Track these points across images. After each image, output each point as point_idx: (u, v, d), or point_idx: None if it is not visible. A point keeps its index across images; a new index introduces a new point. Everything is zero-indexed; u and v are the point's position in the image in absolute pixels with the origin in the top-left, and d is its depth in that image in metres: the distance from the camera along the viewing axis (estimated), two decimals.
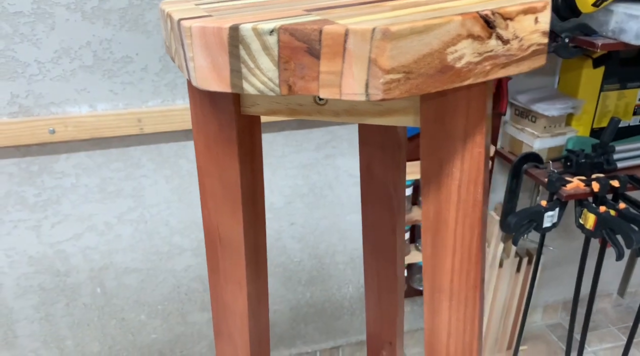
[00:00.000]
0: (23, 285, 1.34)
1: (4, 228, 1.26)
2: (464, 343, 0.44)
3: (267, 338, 0.57)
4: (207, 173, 0.45)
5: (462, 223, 0.39)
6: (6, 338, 1.40)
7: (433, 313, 0.44)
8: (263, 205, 0.50)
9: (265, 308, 0.55)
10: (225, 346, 0.55)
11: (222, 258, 0.49)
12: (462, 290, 0.42)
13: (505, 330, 1.68)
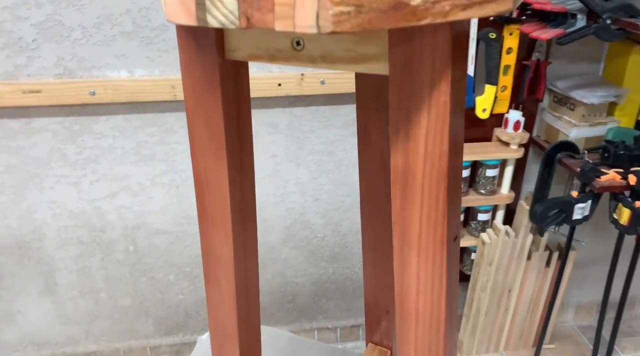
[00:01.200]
0: (63, 236, 1.44)
1: (48, 182, 1.35)
2: (432, 300, 0.45)
3: (256, 286, 0.59)
4: (194, 117, 0.47)
5: (429, 176, 0.39)
6: (47, 285, 1.50)
7: (402, 269, 0.45)
8: (251, 153, 0.52)
9: (253, 257, 0.57)
10: (213, 292, 0.58)
11: (209, 203, 0.51)
12: (430, 245, 0.42)
13: (531, 326, 1.63)
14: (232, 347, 0.60)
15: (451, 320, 0.46)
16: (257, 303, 0.61)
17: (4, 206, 1.36)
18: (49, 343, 1.61)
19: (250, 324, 0.60)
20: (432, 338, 0.46)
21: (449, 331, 0.46)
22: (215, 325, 0.60)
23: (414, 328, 0.46)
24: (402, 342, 0.48)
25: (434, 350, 0.46)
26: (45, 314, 1.55)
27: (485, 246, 1.44)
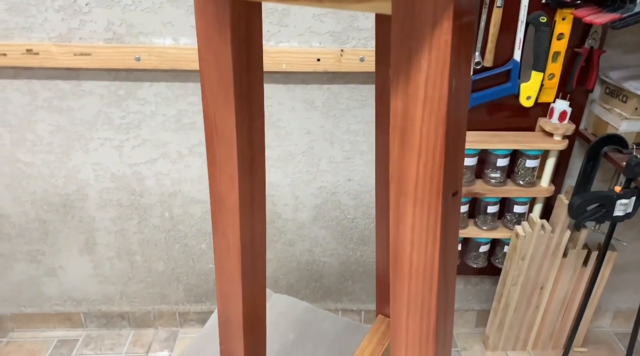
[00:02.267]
0: (104, 198, 1.50)
1: (93, 144, 1.41)
2: (426, 255, 0.44)
3: (262, 238, 0.60)
4: (205, 61, 0.48)
5: (428, 122, 0.39)
6: (87, 243, 1.58)
7: (398, 221, 0.44)
8: (261, 102, 0.52)
9: (260, 208, 0.58)
10: (219, 241, 0.59)
11: (217, 149, 0.53)
12: (426, 196, 0.41)
13: (563, 327, 1.57)
14: (236, 297, 0.61)
15: (446, 279, 0.45)
16: (264, 255, 0.61)
17: (53, 165, 1.44)
18: (87, 300, 1.70)
19: (256, 273, 0.61)
20: (425, 295, 0.45)
21: (442, 290, 0.45)
22: (221, 275, 0.62)
23: (407, 284, 0.46)
24: (394, 299, 0.47)
25: (426, 308, 0.46)
26: (84, 272, 1.64)
27: (518, 239, 1.39)
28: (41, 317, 1.71)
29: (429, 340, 0.47)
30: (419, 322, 0.47)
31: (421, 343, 0.48)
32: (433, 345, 0.47)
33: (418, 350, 0.48)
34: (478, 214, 1.46)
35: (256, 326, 0.66)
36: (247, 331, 0.64)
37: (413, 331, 0.47)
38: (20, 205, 1.50)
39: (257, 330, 0.66)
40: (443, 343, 0.48)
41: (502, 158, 1.35)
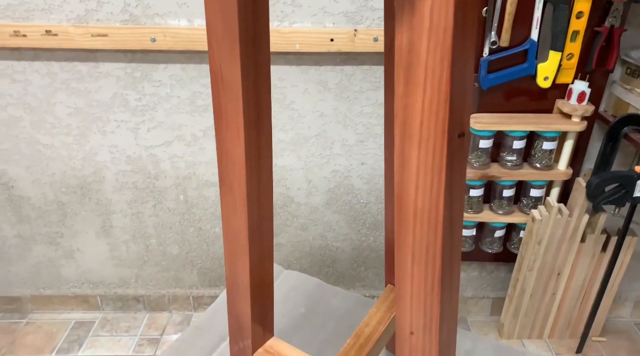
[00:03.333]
0: (120, 180, 1.52)
1: (109, 126, 1.43)
2: (431, 197, 0.43)
3: (269, 196, 0.60)
4: (211, 8, 0.48)
5: (434, 54, 0.38)
6: (104, 226, 1.61)
7: (403, 164, 0.43)
8: (267, 53, 0.52)
9: (267, 162, 0.58)
10: (226, 196, 0.59)
11: (223, 101, 0.53)
12: (431, 135, 0.41)
13: (581, 315, 1.54)
14: (243, 256, 0.61)
15: (452, 224, 0.44)
16: (270, 213, 0.61)
17: (70, 147, 1.46)
18: (103, 283, 1.72)
19: (263, 234, 0.61)
20: (430, 240, 0.44)
21: (448, 235, 0.44)
22: (228, 233, 0.62)
23: (412, 229, 0.45)
24: (399, 247, 0.47)
25: (431, 254, 0.45)
26: (101, 255, 1.66)
27: (535, 223, 1.37)
28: (59, 299, 1.75)
29: (434, 289, 0.46)
30: (424, 269, 0.46)
31: (426, 292, 0.47)
32: (438, 294, 0.46)
33: (423, 299, 0.47)
34: (493, 198, 1.44)
35: (263, 289, 0.66)
36: (254, 292, 0.64)
37: (418, 279, 0.47)
38: (39, 187, 1.53)
39: (264, 292, 0.66)
40: (449, 293, 0.48)
41: (518, 141, 1.33)
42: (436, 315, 0.47)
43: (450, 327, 0.50)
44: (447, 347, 0.50)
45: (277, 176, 1.51)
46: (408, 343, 0.51)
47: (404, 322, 0.50)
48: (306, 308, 0.97)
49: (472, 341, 0.89)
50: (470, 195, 1.42)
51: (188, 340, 0.92)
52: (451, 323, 0.50)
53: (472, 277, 1.67)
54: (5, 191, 1.53)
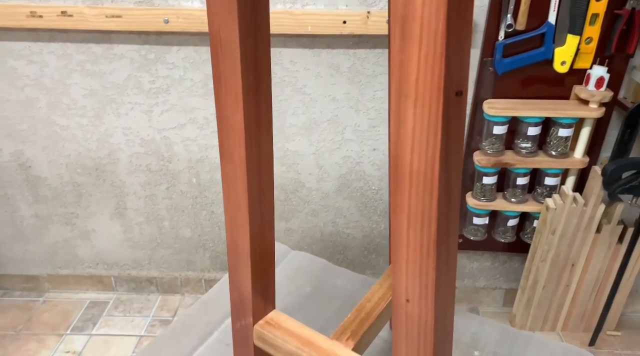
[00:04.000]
0: (134, 163, 1.54)
1: (124, 108, 1.45)
2: (426, 158, 0.42)
3: (270, 164, 0.60)
4: None
5: (429, 4, 0.37)
6: (118, 208, 1.63)
7: (398, 124, 0.43)
8: (266, 14, 0.52)
9: (267, 130, 0.57)
10: (226, 166, 0.59)
11: (222, 66, 0.52)
12: (427, 92, 0.40)
13: (595, 308, 1.50)
14: (243, 226, 0.61)
15: (449, 186, 0.44)
16: (271, 184, 0.61)
17: (86, 128, 1.49)
18: (117, 264, 1.75)
19: (263, 204, 0.61)
20: (425, 203, 0.44)
21: (444, 198, 0.43)
22: (229, 204, 0.62)
23: (407, 192, 0.44)
24: (395, 212, 0.46)
25: (427, 217, 0.44)
26: (115, 236, 1.69)
27: (549, 212, 1.34)
28: (75, 279, 1.78)
29: (430, 254, 0.46)
30: (419, 234, 0.45)
31: (422, 258, 0.46)
32: (434, 260, 0.46)
33: (418, 265, 0.47)
34: (507, 187, 1.42)
35: (265, 260, 0.66)
36: (254, 263, 0.64)
37: (414, 244, 0.46)
38: (55, 168, 1.56)
39: (265, 264, 0.66)
40: (445, 259, 0.47)
41: (533, 127, 1.30)
42: (432, 281, 0.47)
43: (447, 295, 0.49)
44: (444, 315, 0.50)
45: (289, 161, 1.51)
46: (404, 311, 0.50)
47: (399, 289, 0.50)
48: (312, 288, 0.97)
49: (478, 324, 0.87)
50: (484, 183, 1.40)
51: (194, 314, 0.93)
52: (448, 291, 0.49)
53: (484, 267, 1.65)
54: (23, 171, 1.57)
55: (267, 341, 0.68)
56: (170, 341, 0.87)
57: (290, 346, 0.65)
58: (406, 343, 0.51)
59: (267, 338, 0.68)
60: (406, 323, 0.50)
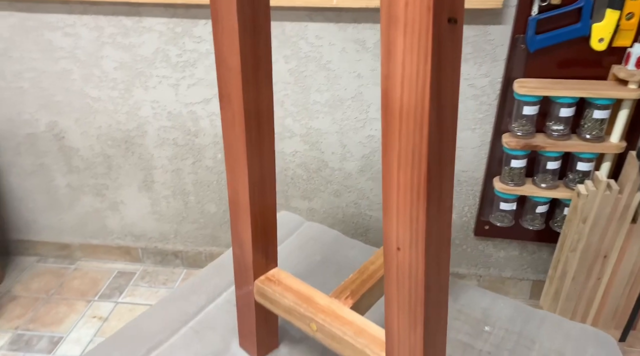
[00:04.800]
0: (162, 136, 1.57)
1: (152, 82, 1.48)
2: (416, 92, 0.40)
3: (270, 110, 0.59)
4: None
5: None
6: (146, 180, 1.67)
7: (388, 56, 0.41)
8: None
9: (265, 73, 0.56)
10: (226, 112, 0.59)
11: (218, 4, 0.52)
12: (417, 17, 0.38)
13: (629, 304, 1.43)
14: (242, 174, 0.61)
15: (440, 123, 0.41)
16: (271, 132, 0.60)
17: (116, 101, 1.52)
18: (144, 237, 1.79)
19: (263, 152, 0.60)
20: (416, 140, 0.42)
21: (435, 135, 0.41)
22: (229, 151, 0.62)
23: (398, 129, 0.43)
24: (385, 152, 0.44)
25: (417, 158, 0.42)
26: (143, 209, 1.73)
27: (580, 198, 1.28)
28: (104, 249, 1.83)
29: (420, 198, 0.44)
30: (409, 176, 0.43)
31: (412, 202, 0.44)
32: (424, 204, 0.44)
33: (409, 211, 0.45)
34: (537, 172, 1.36)
35: (265, 212, 0.65)
36: (254, 214, 0.64)
37: (404, 187, 0.44)
38: (87, 139, 1.61)
39: (266, 216, 0.66)
40: (437, 205, 0.45)
41: (566, 108, 1.25)
42: (422, 227, 0.45)
43: (440, 244, 0.47)
44: (437, 265, 0.48)
45: (312, 139, 1.50)
46: (395, 260, 0.48)
47: (390, 238, 0.48)
48: (322, 257, 0.96)
49: (491, 300, 0.84)
50: (512, 166, 1.35)
51: (205, 276, 0.93)
52: (441, 239, 0.47)
53: (511, 257, 1.59)
54: (57, 142, 1.62)
55: (266, 297, 0.68)
56: (178, 299, 0.88)
57: (287, 301, 0.65)
58: (397, 295, 0.50)
59: (267, 293, 0.67)
60: (397, 274, 0.49)
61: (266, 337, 0.75)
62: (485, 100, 1.36)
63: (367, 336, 0.58)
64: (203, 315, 0.85)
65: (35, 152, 1.65)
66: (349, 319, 0.61)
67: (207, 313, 0.85)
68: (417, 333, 0.49)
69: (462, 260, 1.63)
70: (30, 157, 1.66)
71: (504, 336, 0.76)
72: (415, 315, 0.49)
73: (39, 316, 1.62)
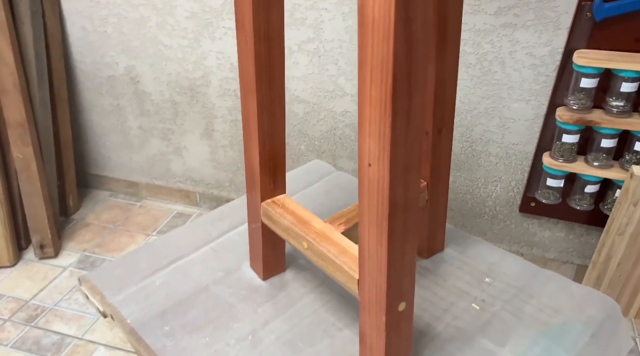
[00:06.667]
0: (224, 87, 1.67)
1: (218, 32, 1.57)
2: (384, 4, 0.43)
3: (280, 37, 0.63)
4: None
5: None
6: (207, 129, 1.78)
7: None
8: None
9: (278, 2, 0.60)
10: (240, 35, 0.64)
11: None
12: None
13: None
14: (251, 95, 0.66)
15: (408, 38, 0.44)
16: (281, 56, 0.65)
17: (185, 50, 1.63)
18: (202, 182, 1.92)
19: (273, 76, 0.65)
20: (384, 53, 0.44)
21: (402, 51, 0.44)
22: (242, 75, 0.67)
23: (370, 44, 0.45)
24: (361, 68, 0.47)
25: (385, 70, 0.45)
26: (203, 155, 1.85)
27: (633, 180, 1.21)
28: (167, 191, 1.99)
29: (386, 111, 0.46)
30: (379, 89, 0.46)
31: (381, 116, 0.47)
32: (390, 117, 0.46)
33: (378, 125, 0.48)
34: (590, 150, 1.30)
35: (273, 135, 0.70)
36: (262, 135, 0.69)
37: (375, 101, 0.47)
38: (158, 85, 1.74)
39: (274, 139, 0.70)
40: (405, 119, 0.47)
41: (629, 83, 1.17)
42: (388, 141, 0.48)
43: (408, 162, 0.50)
44: (404, 182, 0.50)
45: None
46: (367, 175, 0.52)
47: (363, 154, 0.51)
48: (344, 203, 1.00)
49: (500, 257, 0.84)
50: (563, 141, 1.29)
51: (233, 207, 1.01)
52: (410, 157, 0.49)
53: (557, 238, 1.53)
54: (133, 85, 1.77)
55: (270, 217, 0.73)
56: (206, 223, 0.96)
57: (286, 222, 0.70)
58: (368, 209, 0.53)
59: (271, 214, 0.73)
60: (368, 189, 0.52)
61: (273, 261, 0.81)
62: (543, 71, 1.31)
63: (349, 255, 0.62)
64: (224, 239, 0.92)
65: (114, 93, 1.82)
66: (336, 241, 0.65)
67: (228, 237, 0.93)
68: (383, 245, 0.52)
69: (504, 236, 1.59)
70: (109, 98, 1.83)
71: (503, 289, 0.77)
72: (381, 229, 0.52)
73: (104, 242, 1.81)
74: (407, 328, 0.59)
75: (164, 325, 0.73)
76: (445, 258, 0.84)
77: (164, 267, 0.85)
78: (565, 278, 0.79)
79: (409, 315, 0.58)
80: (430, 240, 0.82)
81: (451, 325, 0.71)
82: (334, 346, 0.69)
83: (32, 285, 1.58)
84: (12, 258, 1.64)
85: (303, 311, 0.75)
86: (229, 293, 0.79)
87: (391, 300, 0.55)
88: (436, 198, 0.77)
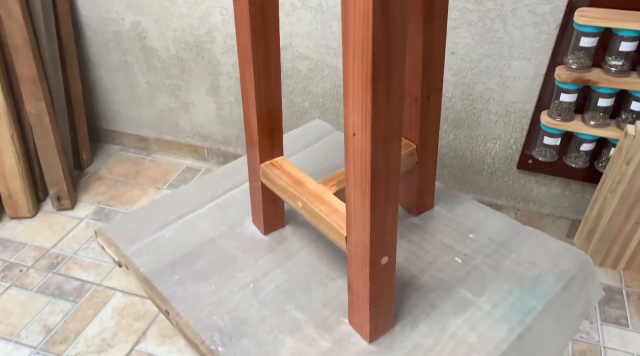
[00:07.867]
0: (228, 43, 1.68)
1: None
2: None
3: (275, 5, 0.66)
4: None
5: None
6: (213, 85, 1.81)
7: None
8: None
9: None
10: (236, 5, 0.66)
11: None
12: None
13: None
14: (248, 64, 0.70)
15: (388, 18, 0.47)
16: (276, 27, 0.68)
17: (189, 5, 1.64)
18: (210, 138, 1.97)
19: (269, 45, 0.69)
20: (364, 32, 0.48)
21: (381, 29, 0.47)
22: (240, 45, 0.70)
23: (352, 22, 0.49)
24: (345, 45, 0.51)
25: (365, 48, 0.49)
26: (209, 112, 1.89)
27: (626, 139, 1.23)
28: (176, 145, 2.05)
29: (367, 87, 0.50)
30: (360, 65, 0.50)
31: (363, 91, 0.51)
32: (370, 93, 0.50)
33: (360, 98, 0.52)
34: (587, 109, 1.32)
35: (270, 100, 0.74)
36: (259, 99, 0.73)
37: (358, 77, 0.51)
38: (164, 41, 1.76)
39: (271, 104, 0.75)
40: (385, 93, 0.51)
41: (628, 42, 1.18)
42: (369, 114, 0.52)
43: (389, 131, 0.54)
44: (385, 151, 0.55)
45: None
46: (352, 144, 0.56)
47: (348, 124, 0.55)
48: (342, 162, 1.05)
49: (486, 215, 0.90)
50: (561, 100, 1.31)
51: (237, 165, 1.06)
52: (390, 127, 0.54)
53: (553, 194, 1.58)
54: (139, 41, 1.80)
55: (268, 178, 0.79)
56: (212, 181, 1.02)
57: (282, 182, 0.75)
58: (353, 175, 0.58)
59: (269, 175, 0.78)
60: (353, 157, 0.57)
61: (273, 217, 0.88)
62: (545, 29, 1.31)
63: (339, 214, 0.68)
64: (228, 196, 0.98)
65: (121, 49, 1.84)
66: (328, 201, 0.70)
67: (232, 194, 0.99)
68: (366, 208, 0.58)
69: (502, 192, 1.64)
70: (116, 54, 1.86)
71: (485, 244, 0.83)
72: (364, 193, 0.57)
73: (117, 195, 1.89)
74: (389, 279, 0.65)
75: (174, 274, 0.81)
76: (434, 216, 0.89)
77: (173, 221, 0.92)
78: (545, 235, 0.84)
79: (392, 268, 0.64)
80: (420, 199, 0.88)
81: (434, 277, 0.78)
82: (327, 294, 0.77)
83: (51, 235, 1.68)
84: (32, 209, 1.73)
85: (300, 263, 0.82)
86: (233, 246, 0.86)
87: (374, 254, 0.61)
88: (425, 160, 0.82)
